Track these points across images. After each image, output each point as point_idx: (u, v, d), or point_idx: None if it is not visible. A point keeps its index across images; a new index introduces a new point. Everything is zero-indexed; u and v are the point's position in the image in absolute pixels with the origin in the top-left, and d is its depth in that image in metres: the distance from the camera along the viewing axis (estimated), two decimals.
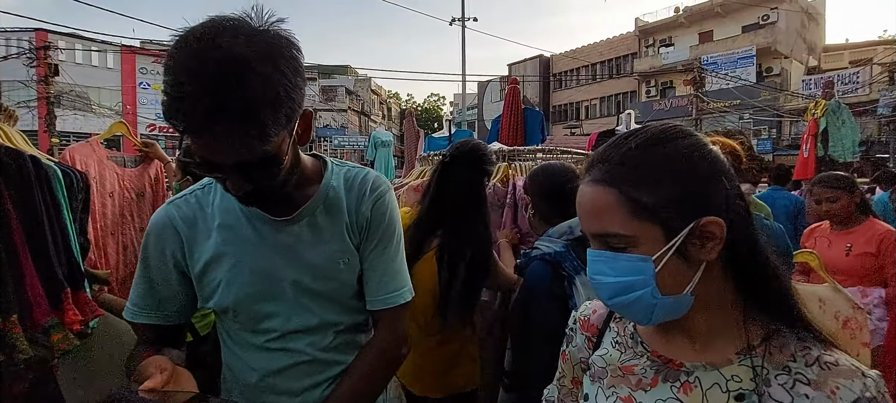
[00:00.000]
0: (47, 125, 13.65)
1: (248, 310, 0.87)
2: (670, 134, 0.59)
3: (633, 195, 0.57)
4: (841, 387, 0.53)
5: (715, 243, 0.57)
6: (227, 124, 0.63)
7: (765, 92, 20.84)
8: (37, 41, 15.75)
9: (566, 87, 31.05)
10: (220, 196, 0.88)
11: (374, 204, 0.93)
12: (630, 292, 0.58)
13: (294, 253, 0.88)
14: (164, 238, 0.87)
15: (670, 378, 0.62)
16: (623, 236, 0.58)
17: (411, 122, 4.64)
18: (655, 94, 25.87)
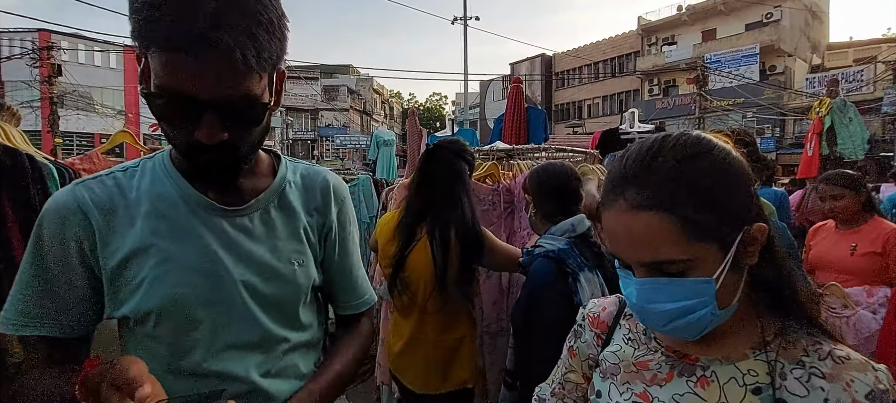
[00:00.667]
0: (51, 125, 13.71)
1: (178, 317, 0.70)
2: (700, 146, 0.57)
3: (692, 217, 0.54)
4: (855, 380, 0.54)
5: (756, 247, 0.58)
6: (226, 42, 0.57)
7: (768, 90, 20.74)
8: (40, 41, 15.80)
9: (568, 86, 30.99)
10: (149, 179, 0.73)
11: (340, 209, 0.89)
12: (689, 314, 0.56)
13: (243, 249, 0.75)
14: (68, 225, 0.68)
15: (686, 373, 0.62)
16: (682, 261, 0.55)
17: (414, 121, 4.63)
18: (658, 93, 25.79)
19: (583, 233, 1.42)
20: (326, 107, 33.85)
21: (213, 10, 0.57)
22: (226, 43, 0.58)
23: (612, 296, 0.78)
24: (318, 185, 0.87)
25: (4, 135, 1.45)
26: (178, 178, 0.74)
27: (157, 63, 0.59)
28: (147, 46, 0.60)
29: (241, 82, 0.62)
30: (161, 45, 0.59)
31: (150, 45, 0.60)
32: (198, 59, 0.58)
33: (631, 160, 0.59)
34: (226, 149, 0.66)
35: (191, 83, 0.60)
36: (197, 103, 0.61)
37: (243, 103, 0.64)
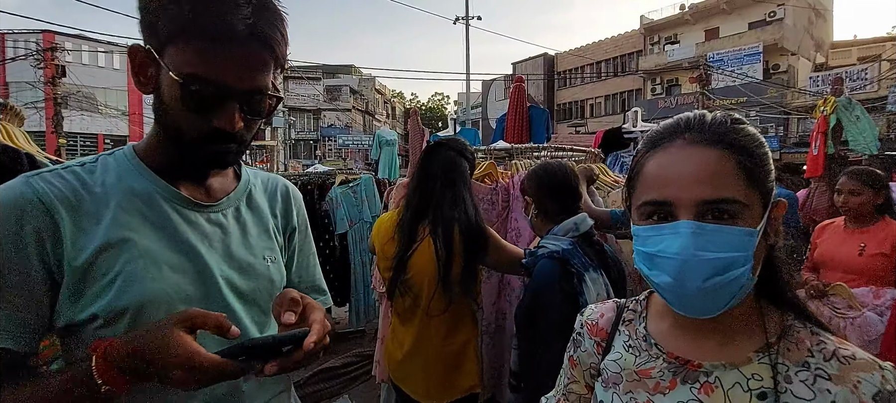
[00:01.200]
0: (55, 126, 13.76)
1: (157, 315, 0.66)
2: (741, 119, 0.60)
3: (746, 163, 0.55)
4: (862, 381, 0.52)
5: (779, 223, 0.57)
6: (264, 36, 0.64)
7: (772, 89, 20.64)
8: (44, 42, 15.86)
9: (571, 86, 30.93)
10: (114, 174, 0.71)
11: (299, 212, 0.93)
12: (730, 270, 0.53)
13: (221, 245, 0.75)
14: (27, 220, 0.63)
15: (689, 380, 0.60)
16: (739, 204, 0.54)
17: (416, 121, 4.63)
18: (661, 92, 25.70)
19: (586, 232, 1.41)
20: (329, 107, 33.88)
21: (251, 7, 0.63)
22: (263, 37, 0.65)
23: (610, 302, 0.76)
24: (278, 190, 0.91)
25: (7, 135, 1.45)
26: (148, 174, 0.72)
27: (192, 52, 0.63)
28: (178, 38, 0.63)
29: (265, 75, 0.67)
30: (204, 35, 0.62)
31: (186, 34, 0.62)
32: (235, 51, 0.63)
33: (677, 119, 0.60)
34: (237, 139, 0.69)
35: (224, 72, 0.64)
36: (225, 92, 0.65)
37: (261, 95, 0.68)
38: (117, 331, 0.64)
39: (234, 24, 0.62)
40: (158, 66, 0.65)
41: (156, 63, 0.66)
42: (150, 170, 0.73)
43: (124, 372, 0.56)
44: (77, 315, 0.65)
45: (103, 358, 0.56)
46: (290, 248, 0.91)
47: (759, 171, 0.56)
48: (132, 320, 0.65)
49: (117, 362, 0.56)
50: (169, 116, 0.67)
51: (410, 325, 1.62)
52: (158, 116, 0.70)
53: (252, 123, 0.71)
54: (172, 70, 0.63)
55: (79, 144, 20.75)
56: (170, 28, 0.63)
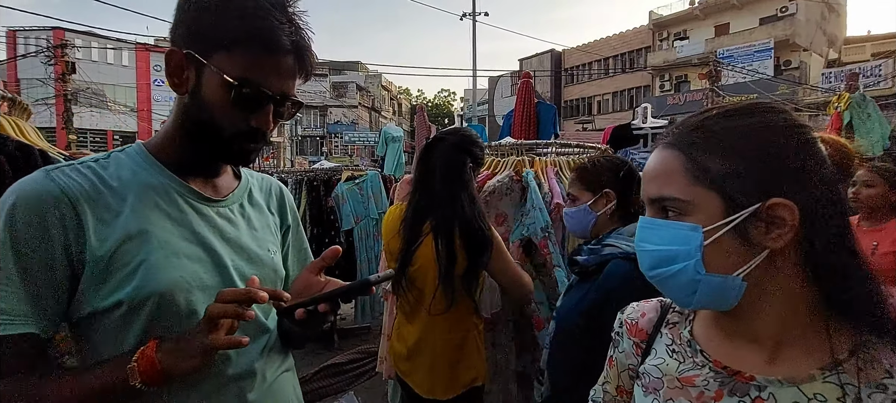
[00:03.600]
0: (65, 122, 13.91)
1: (178, 300, 0.71)
2: (761, 107, 0.56)
3: (698, 159, 0.54)
4: None
5: (784, 230, 0.51)
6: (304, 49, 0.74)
7: (783, 86, 20.38)
8: (54, 39, 16.03)
9: (578, 82, 30.75)
10: (129, 170, 0.75)
11: (290, 210, 0.99)
12: (672, 263, 0.54)
13: (231, 236, 0.81)
14: (51, 213, 0.66)
15: (738, 392, 0.55)
16: (679, 200, 0.55)
17: (423, 117, 4.63)
18: (670, 89, 25.48)
19: None
20: (335, 104, 33.96)
21: (293, 27, 0.72)
22: (301, 51, 0.74)
23: (654, 301, 0.72)
24: (273, 189, 0.97)
25: (18, 130, 1.46)
26: (162, 169, 0.77)
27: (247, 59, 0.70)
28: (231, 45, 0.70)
29: (295, 84, 0.76)
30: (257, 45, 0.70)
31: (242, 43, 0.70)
32: (279, 61, 0.72)
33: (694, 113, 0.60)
34: (265, 138, 0.77)
35: (268, 78, 0.71)
36: (267, 96, 0.72)
37: (290, 100, 0.76)
38: (140, 317, 0.69)
39: (281, 39, 0.70)
40: (201, 69, 0.71)
41: (197, 66, 0.71)
42: (163, 166, 0.77)
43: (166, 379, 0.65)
44: (101, 303, 0.68)
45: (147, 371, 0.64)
46: (285, 244, 0.97)
47: (721, 167, 0.53)
48: (155, 306, 0.69)
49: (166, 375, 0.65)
50: (208, 114, 0.73)
51: (415, 322, 1.62)
52: (191, 115, 0.74)
53: (275, 124, 0.78)
54: (224, 72, 0.70)
55: (88, 140, 20.98)
56: (223, 36, 0.70)
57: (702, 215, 0.53)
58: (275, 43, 0.70)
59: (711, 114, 0.57)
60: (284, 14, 0.71)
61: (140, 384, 0.64)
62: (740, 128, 0.54)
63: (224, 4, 0.70)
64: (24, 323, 0.64)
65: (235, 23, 0.69)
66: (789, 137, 0.53)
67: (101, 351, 0.70)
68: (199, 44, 0.70)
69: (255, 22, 0.69)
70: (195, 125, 0.75)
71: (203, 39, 0.70)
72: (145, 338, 0.68)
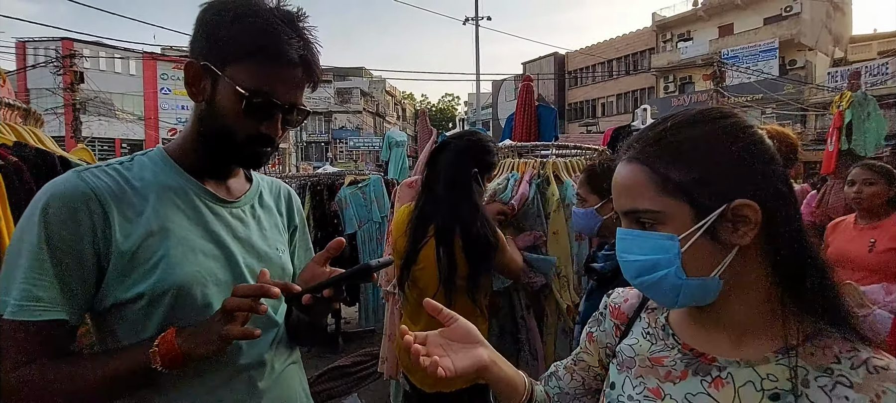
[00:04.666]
0: (74, 131, 14.11)
1: (195, 294, 0.76)
2: (711, 115, 0.59)
3: (662, 171, 0.57)
4: (888, 392, 0.50)
5: (749, 227, 0.55)
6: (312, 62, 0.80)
7: (788, 85, 20.27)
8: (63, 50, 16.27)
9: (582, 85, 30.73)
10: (150, 172, 0.80)
11: (297, 212, 1.05)
12: (655, 271, 0.58)
13: (243, 235, 0.86)
14: (81, 210, 0.71)
15: (701, 372, 0.60)
16: (651, 212, 0.58)
17: (425, 121, 4.67)
18: (674, 90, 25.41)
19: None
20: (340, 110, 34.15)
21: (302, 41, 0.77)
22: (308, 64, 0.79)
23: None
24: (281, 192, 1.03)
25: (36, 139, 1.51)
26: (181, 172, 0.83)
27: (258, 71, 0.76)
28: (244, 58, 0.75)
29: (302, 94, 0.82)
30: (268, 58, 0.75)
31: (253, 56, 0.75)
32: (288, 73, 0.77)
33: (649, 125, 0.64)
34: (274, 143, 0.82)
35: (278, 89, 0.77)
36: (276, 105, 0.78)
37: (298, 109, 0.82)
38: (160, 308, 0.74)
39: (291, 53, 0.76)
40: (216, 80, 0.77)
41: (213, 77, 0.77)
42: (181, 169, 0.83)
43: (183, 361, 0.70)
44: (124, 294, 0.73)
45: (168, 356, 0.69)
46: (292, 243, 1.02)
47: (686, 178, 0.56)
48: (173, 298, 0.75)
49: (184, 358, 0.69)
50: (222, 122, 0.78)
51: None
52: (207, 122, 0.80)
53: (284, 132, 0.84)
54: (237, 83, 0.75)
55: (96, 148, 21.24)
56: (236, 50, 0.75)
57: (675, 223, 0.57)
58: (284, 56, 0.76)
59: (667, 127, 0.60)
60: (294, 29, 0.77)
61: (160, 367, 0.69)
62: (696, 138, 0.58)
63: (238, 20, 0.75)
64: (56, 309, 0.69)
65: (248, 37, 0.75)
66: (741, 139, 0.57)
67: (121, 341, 0.76)
68: (215, 56, 0.76)
69: (265, 37, 0.75)
70: (211, 131, 0.80)
71: (218, 52, 0.76)
72: (164, 329, 0.73)
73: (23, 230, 0.71)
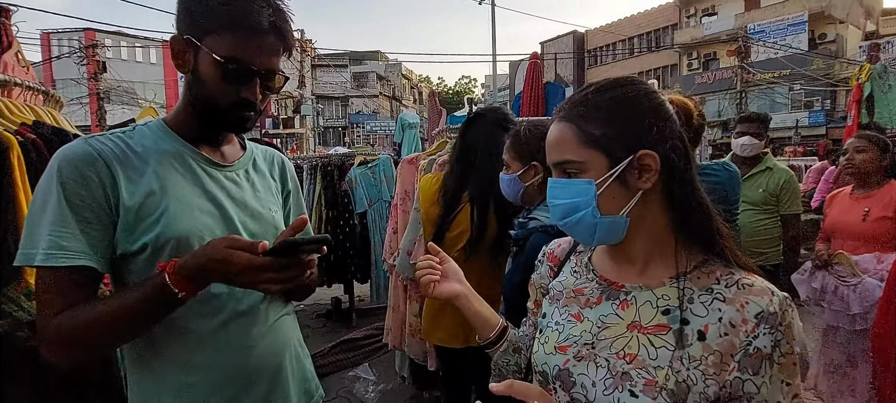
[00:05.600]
0: (98, 119, 14.59)
1: (193, 246, 0.82)
2: (623, 82, 0.71)
3: (584, 127, 0.68)
4: (750, 302, 0.62)
5: (650, 174, 0.66)
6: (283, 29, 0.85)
7: (817, 60, 19.45)
8: (85, 40, 16.72)
9: (602, 64, 30.08)
10: (151, 139, 0.88)
11: (291, 178, 1.12)
12: (576, 212, 0.69)
13: (237, 196, 0.94)
14: (90, 170, 0.79)
15: (612, 297, 0.73)
16: (575, 162, 0.69)
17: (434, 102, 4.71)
18: (697, 67, 24.68)
19: None
20: (356, 94, 34.26)
21: (271, 9, 0.83)
22: (280, 31, 0.85)
23: (568, 237, 0.88)
24: (275, 159, 1.10)
25: (53, 119, 1.62)
26: (178, 139, 0.90)
27: (230, 40, 0.81)
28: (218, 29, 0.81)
29: (278, 59, 0.88)
30: (239, 27, 0.81)
31: (226, 26, 0.81)
32: (260, 40, 0.83)
33: (577, 91, 0.74)
34: (255, 108, 0.88)
35: (252, 56, 0.83)
36: (251, 70, 0.84)
37: (275, 74, 0.88)
38: (162, 257, 0.81)
39: (261, 21, 0.82)
40: (197, 51, 0.83)
41: (194, 48, 0.83)
42: (178, 136, 0.90)
43: (191, 281, 0.74)
44: (131, 246, 0.81)
45: (173, 273, 0.73)
46: (286, 206, 1.10)
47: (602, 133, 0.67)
48: (173, 249, 0.82)
49: (186, 274, 0.74)
50: (206, 90, 0.84)
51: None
52: (194, 91, 0.87)
53: (266, 97, 0.90)
54: (214, 53, 0.81)
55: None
56: (212, 22, 0.81)
57: (593, 171, 0.68)
58: (255, 24, 0.81)
59: (589, 91, 0.71)
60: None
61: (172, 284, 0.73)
62: (611, 100, 0.69)
63: None
64: (80, 257, 0.77)
65: (221, 9, 0.81)
66: (646, 103, 0.68)
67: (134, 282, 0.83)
68: (194, 29, 0.83)
69: (237, 6, 0.81)
70: (197, 99, 0.87)
71: (196, 25, 0.83)
72: None
73: (43, 191, 0.78)
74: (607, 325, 0.70)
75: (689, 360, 0.62)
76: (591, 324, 0.72)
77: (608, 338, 0.69)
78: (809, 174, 5.70)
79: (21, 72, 2.05)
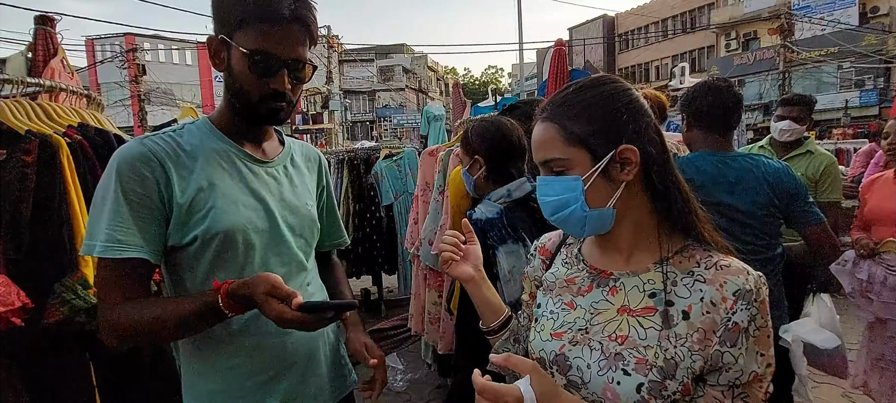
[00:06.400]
0: (140, 120, 15.34)
1: (238, 240, 0.89)
2: (600, 81, 0.75)
3: (567, 126, 0.72)
4: (728, 281, 0.67)
5: (632, 167, 0.71)
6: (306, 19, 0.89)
7: (869, 36, 18.20)
8: (126, 45, 17.54)
9: (633, 48, 29.17)
10: (198, 137, 0.93)
11: (325, 175, 1.18)
12: (565, 208, 0.73)
13: (277, 191, 0.99)
14: (146, 169, 0.85)
15: (602, 285, 0.77)
16: (560, 159, 0.73)
17: (458, 93, 4.71)
18: (736, 48, 23.59)
19: (521, 198, 1.35)
20: (383, 88, 34.54)
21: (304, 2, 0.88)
22: (303, 20, 0.89)
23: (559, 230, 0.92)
24: (311, 155, 1.15)
25: (97, 121, 1.72)
26: (223, 137, 0.96)
27: (256, 33, 0.86)
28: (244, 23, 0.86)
29: (304, 48, 0.91)
30: (262, 19, 0.86)
31: (250, 20, 0.86)
32: (284, 31, 0.87)
33: (557, 91, 0.78)
34: (287, 99, 0.92)
35: (277, 46, 0.87)
36: (277, 60, 0.88)
37: (302, 63, 0.92)
38: (210, 249, 0.88)
39: (283, 11, 0.86)
40: (229, 48, 0.88)
41: (227, 45, 0.88)
42: (222, 134, 0.96)
43: (239, 305, 0.81)
44: (181, 240, 0.88)
45: (225, 296, 0.80)
46: (320, 201, 1.17)
47: (584, 130, 0.71)
48: (221, 241, 0.88)
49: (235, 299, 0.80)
50: (238, 84, 0.89)
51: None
52: (229, 87, 0.92)
53: (296, 88, 0.94)
54: (242, 47, 0.86)
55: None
56: (238, 17, 0.86)
57: (578, 168, 0.72)
58: (277, 14, 0.86)
59: (570, 92, 0.75)
60: None
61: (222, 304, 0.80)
62: (590, 99, 0.72)
63: None
64: (137, 250, 0.83)
65: (245, 5, 0.85)
66: (623, 100, 0.72)
67: (181, 276, 0.91)
68: (225, 27, 0.88)
69: (258, 1, 0.85)
70: (233, 95, 0.92)
71: (227, 23, 0.88)
72: (212, 266, 0.89)
73: (103, 188, 0.84)
74: (599, 311, 0.75)
75: (676, 338, 0.67)
76: (584, 311, 0.76)
77: (600, 323, 0.73)
78: (857, 158, 5.37)
79: (66, 78, 2.19)
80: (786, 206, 1.56)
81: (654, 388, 0.65)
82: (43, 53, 2.24)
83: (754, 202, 1.53)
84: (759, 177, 1.54)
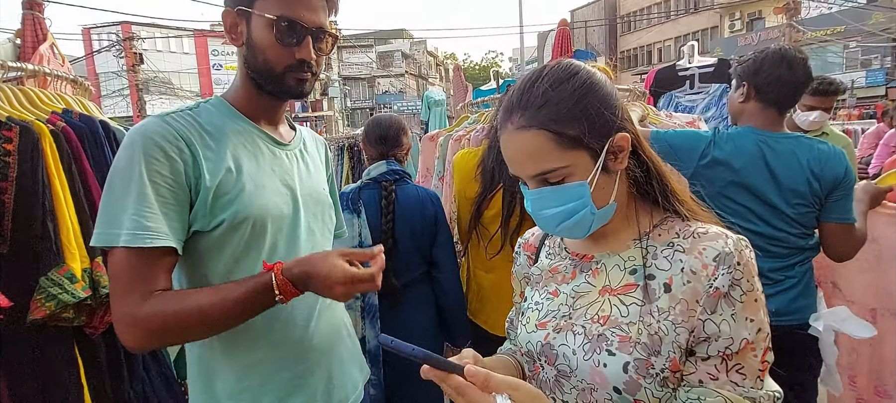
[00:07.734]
0: (139, 110, 15.22)
1: (266, 225, 0.85)
2: (569, 71, 0.68)
3: (559, 131, 0.65)
4: (707, 247, 0.66)
5: (624, 154, 0.69)
6: None
7: (877, 14, 17.86)
8: (122, 33, 17.35)
9: (636, 30, 28.78)
10: (217, 117, 0.88)
11: (330, 162, 1.18)
12: (573, 215, 0.68)
13: (299, 176, 0.96)
14: (172, 150, 0.78)
15: (584, 270, 0.76)
16: (559, 169, 0.66)
17: (460, 77, 4.61)
18: (741, 28, 23.27)
19: (375, 177, 1.69)
20: (382, 74, 34.26)
21: None
22: None
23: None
24: (318, 142, 1.14)
25: (82, 107, 1.65)
26: (241, 117, 0.91)
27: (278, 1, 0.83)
28: None
29: (326, 16, 0.89)
30: None
31: None
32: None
33: (516, 90, 0.69)
34: (312, 69, 0.89)
35: (301, 13, 0.84)
36: (304, 28, 0.85)
37: (325, 32, 0.89)
38: (237, 234, 0.83)
39: None
40: (249, 18, 0.85)
41: (246, 17, 0.85)
42: (241, 114, 0.91)
43: (294, 286, 0.77)
44: (209, 224, 0.81)
45: (281, 275, 0.76)
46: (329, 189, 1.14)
47: (579, 131, 0.65)
48: (249, 226, 0.83)
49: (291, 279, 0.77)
50: (262, 56, 0.85)
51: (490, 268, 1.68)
52: (250, 62, 0.88)
53: (319, 58, 0.90)
54: (265, 13, 0.83)
55: None
56: None
57: (580, 171, 0.67)
58: None
59: (542, 90, 0.66)
60: None
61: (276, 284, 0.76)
62: (572, 95, 0.65)
63: None
64: (166, 238, 0.76)
65: None
66: (598, 86, 0.67)
67: (202, 264, 0.84)
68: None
69: None
70: (254, 69, 0.87)
71: None
72: (238, 251, 0.83)
73: (122, 169, 0.76)
74: (581, 294, 0.73)
75: (659, 312, 0.65)
76: (566, 297, 0.75)
77: (583, 306, 0.72)
78: (864, 139, 5.28)
79: (56, 64, 2.11)
80: (826, 196, 1.40)
81: (640, 366, 0.63)
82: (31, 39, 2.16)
83: (792, 190, 1.39)
84: (802, 164, 1.38)
